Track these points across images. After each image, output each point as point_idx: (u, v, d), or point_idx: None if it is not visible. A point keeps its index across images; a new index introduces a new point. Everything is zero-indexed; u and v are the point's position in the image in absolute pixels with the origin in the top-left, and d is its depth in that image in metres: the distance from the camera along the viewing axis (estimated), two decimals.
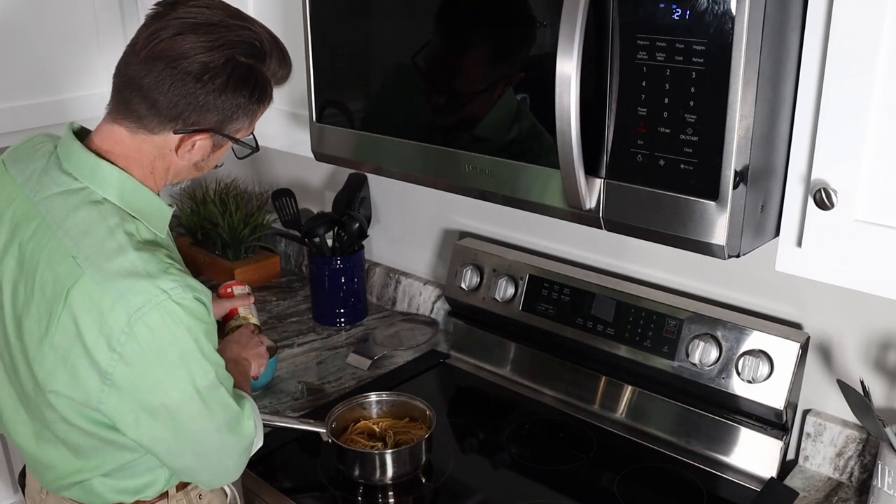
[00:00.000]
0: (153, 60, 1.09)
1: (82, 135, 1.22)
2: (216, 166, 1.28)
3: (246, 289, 1.73)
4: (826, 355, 1.45)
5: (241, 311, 1.67)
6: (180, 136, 1.14)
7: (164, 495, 1.32)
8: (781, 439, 1.44)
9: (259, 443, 1.31)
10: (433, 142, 1.32)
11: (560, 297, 1.67)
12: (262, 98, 1.17)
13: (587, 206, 1.13)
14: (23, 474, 1.44)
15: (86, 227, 1.11)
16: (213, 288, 1.73)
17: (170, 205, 1.23)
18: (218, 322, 1.64)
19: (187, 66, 1.09)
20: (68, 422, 1.17)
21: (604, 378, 1.64)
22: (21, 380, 1.22)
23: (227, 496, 1.47)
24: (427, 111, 1.34)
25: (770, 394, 1.41)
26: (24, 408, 1.24)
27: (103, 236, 1.10)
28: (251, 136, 1.25)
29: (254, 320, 1.68)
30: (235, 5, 1.78)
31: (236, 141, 1.20)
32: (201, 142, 1.16)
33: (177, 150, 1.16)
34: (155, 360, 1.09)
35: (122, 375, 1.09)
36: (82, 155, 1.15)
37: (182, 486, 1.34)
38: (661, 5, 1.00)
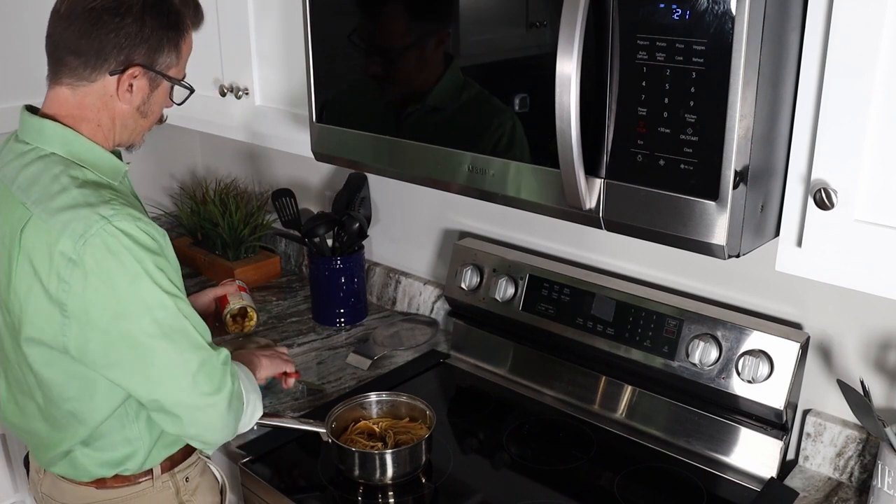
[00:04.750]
0: (72, 13, 1.18)
1: (35, 111, 1.29)
2: (161, 120, 1.36)
3: (235, 281, 1.74)
4: (826, 355, 1.45)
5: (232, 300, 1.67)
6: (116, 76, 1.21)
7: (149, 474, 1.35)
8: (781, 439, 1.44)
9: (258, 411, 1.34)
10: (433, 142, 1.32)
11: (560, 297, 1.67)
12: (178, 24, 1.25)
13: (587, 206, 1.13)
14: (27, 459, 1.49)
15: (34, 177, 1.20)
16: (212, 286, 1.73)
17: (127, 162, 1.32)
18: (214, 313, 1.67)
19: (103, 5, 1.18)
20: (45, 383, 1.23)
21: (604, 378, 1.65)
22: (5, 348, 1.29)
23: (217, 481, 1.48)
24: (426, 111, 1.34)
25: (770, 394, 1.41)
26: (13, 387, 1.32)
27: (48, 182, 1.18)
28: (185, 80, 1.32)
29: (246, 303, 1.68)
30: (235, 4, 1.79)
31: (169, 79, 1.27)
32: (137, 81, 1.23)
33: (117, 92, 1.22)
34: (104, 287, 1.13)
35: (76, 305, 1.14)
36: (30, 121, 1.24)
37: (168, 467, 1.37)
38: (661, 5, 1.00)
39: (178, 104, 1.35)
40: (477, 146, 1.26)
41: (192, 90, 1.33)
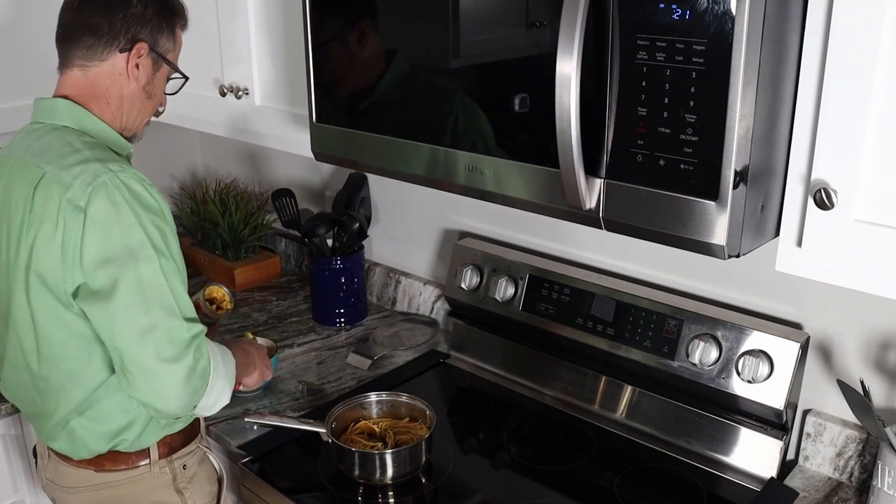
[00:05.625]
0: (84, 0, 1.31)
1: None
2: (159, 111, 1.45)
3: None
4: (826, 355, 1.45)
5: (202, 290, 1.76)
6: (125, 54, 1.32)
7: (146, 457, 1.39)
8: (781, 439, 1.44)
9: (223, 398, 1.35)
10: (433, 142, 1.32)
11: (560, 297, 1.67)
12: (174, 12, 1.38)
13: (587, 206, 1.13)
14: (35, 450, 1.55)
15: (48, 144, 1.29)
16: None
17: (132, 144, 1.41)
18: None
19: None
20: (46, 340, 1.28)
21: (604, 378, 1.65)
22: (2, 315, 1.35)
23: (216, 471, 1.50)
24: (426, 111, 1.34)
25: (770, 394, 1.41)
26: (8, 361, 1.39)
27: (61, 146, 1.28)
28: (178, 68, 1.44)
29: (213, 285, 1.79)
30: (235, 4, 1.79)
31: (168, 63, 1.38)
32: (142, 60, 1.34)
33: (126, 68, 1.33)
34: (98, 233, 1.20)
35: (73, 249, 1.20)
36: (42, 103, 1.35)
37: (165, 453, 1.41)
38: (661, 5, 1.00)
39: (172, 94, 1.46)
40: (479, 147, 1.26)
41: (186, 78, 1.46)
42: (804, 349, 1.41)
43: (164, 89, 1.42)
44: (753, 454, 1.47)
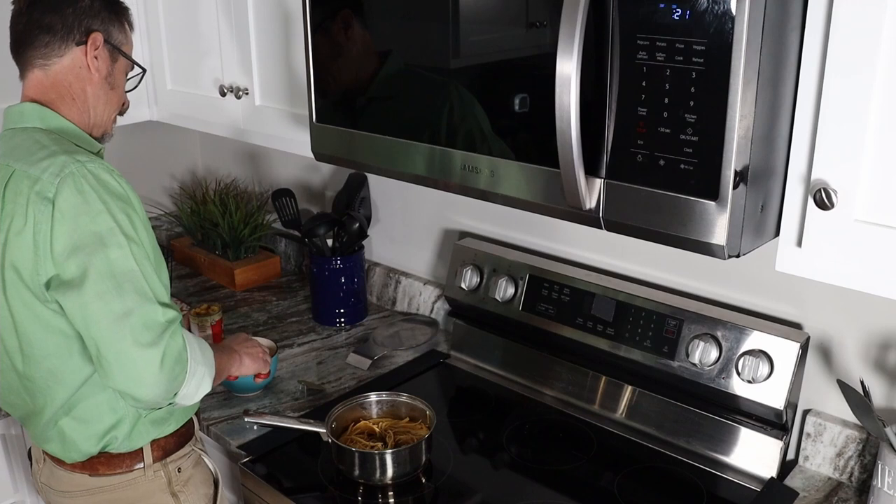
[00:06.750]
0: (32, 2, 1.32)
1: None
2: (123, 107, 1.46)
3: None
4: (826, 355, 1.45)
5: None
6: (82, 47, 1.34)
7: (140, 459, 1.38)
8: (781, 439, 1.44)
9: (204, 385, 1.33)
10: (433, 142, 1.32)
11: (560, 297, 1.67)
12: (118, 7, 1.40)
13: (587, 206, 1.13)
14: (30, 452, 1.54)
15: (17, 144, 1.31)
16: (211, 289, 1.74)
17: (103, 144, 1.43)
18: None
19: None
20: (26, 339, 1.28)
21: (604, 378, 1.65)
22: None
23: (211, 473, 1.50)
24: (426, 111, 1.34)
25: (770, 394, 1.41)
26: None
27: (30, 144, 1.29)
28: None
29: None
30: (235, 5, 1.78)
31: (123, 54, 1.40)
32: (100, 52, 1.36)
33: (86, 59, 1.35)
34: (67, 223, 1.21)
35: (44, 241, 1.21)
36: (11, 110, 1.37)
37: (160, 456, 1.40)
38: (661, 5, 1.00)
39: (131, 90, 1.48)
40: (479, 147, 1.26)
41: (144, 70, 1.50)
42: (804, 349, 1.41)
43: (125, 83, 1.44)
44: (753, 454, 1.47)
